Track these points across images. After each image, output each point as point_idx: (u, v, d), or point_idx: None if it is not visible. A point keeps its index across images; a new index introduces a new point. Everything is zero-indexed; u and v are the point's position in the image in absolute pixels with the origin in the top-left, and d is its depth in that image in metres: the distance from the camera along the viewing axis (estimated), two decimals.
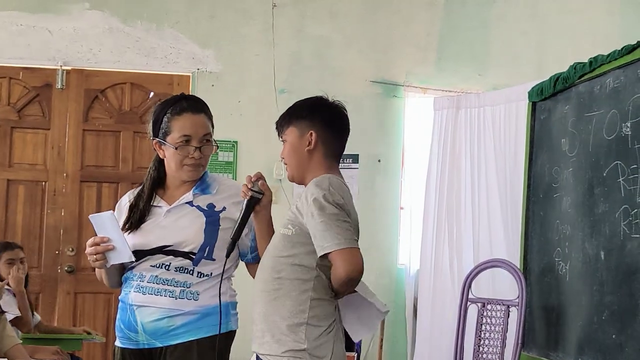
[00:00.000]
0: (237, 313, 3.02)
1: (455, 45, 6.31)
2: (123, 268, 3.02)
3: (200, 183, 3.05)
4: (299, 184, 2.91)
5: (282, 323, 2.67)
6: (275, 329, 2.68)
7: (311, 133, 2.81)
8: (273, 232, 2.89)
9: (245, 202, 2.88)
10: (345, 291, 2.74)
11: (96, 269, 3.04)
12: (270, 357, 2.69)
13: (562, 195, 4.29)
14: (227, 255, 2.87)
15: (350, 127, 2.93)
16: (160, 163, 3.07)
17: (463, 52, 6.32)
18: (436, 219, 5.87)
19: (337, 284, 2.68)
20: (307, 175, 2.84)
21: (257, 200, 2.87)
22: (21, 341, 3.61)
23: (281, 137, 2.91)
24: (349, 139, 2.95)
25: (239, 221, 2.89)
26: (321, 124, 2.84)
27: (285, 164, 2.91)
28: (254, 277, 3.04)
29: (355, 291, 2.80)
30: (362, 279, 2.72)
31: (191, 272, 2.92)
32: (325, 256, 2.65)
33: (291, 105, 2.94)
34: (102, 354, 5.73)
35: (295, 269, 2.69)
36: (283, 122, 2.90)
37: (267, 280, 2.74)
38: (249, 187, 2.86)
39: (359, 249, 2.66)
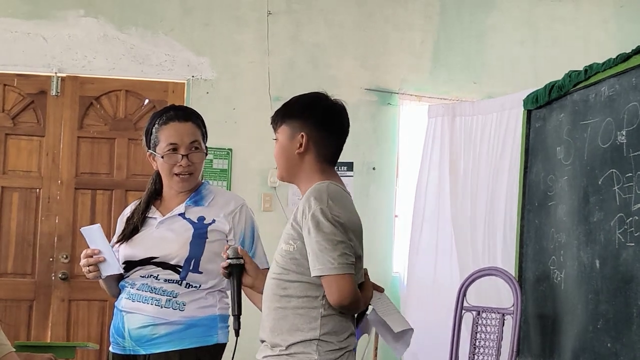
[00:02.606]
0: (227, 326, 3.00)
1: (450, 53, 6.32)
2: (121, 277, 3.03)
3: (195, 194, 3.06)
4: (288, 182, 2.77)
5: (292, 340, 2.51)
6: (285, 345, 2.51)
7: (302, 135, 2.64)
8: None
9: (230, 275, 2.75)
10: (347, 312, 2.58)
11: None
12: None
13: (557, 204, 4.29)
14: (237, 334, 2.73)
15: None
16: (159, 175, 3.08)
17: (458, 60, 6.34)
18: (430, 226, 5.86)
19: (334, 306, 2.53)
20: (298, 178, 2.68)
21: (241, 266, 2.73)
22: (14, 349, 3.58)
23: (275, 134, 2.74)
24: (343, 146, 2.78)
25: (235, 296, 2.73)
26: (315, 124, 2.66)
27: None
28: None
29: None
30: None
31: (179, 283, 2.93)
32: None
33: (287, 100, 2.79)
34: None
35: (302, 286, 2.52)
36: (276, 119, 2.73)
37: (273, 298, 2.57)
38: (225, 258, 2.73)
39: (351, 274, 2.49)
